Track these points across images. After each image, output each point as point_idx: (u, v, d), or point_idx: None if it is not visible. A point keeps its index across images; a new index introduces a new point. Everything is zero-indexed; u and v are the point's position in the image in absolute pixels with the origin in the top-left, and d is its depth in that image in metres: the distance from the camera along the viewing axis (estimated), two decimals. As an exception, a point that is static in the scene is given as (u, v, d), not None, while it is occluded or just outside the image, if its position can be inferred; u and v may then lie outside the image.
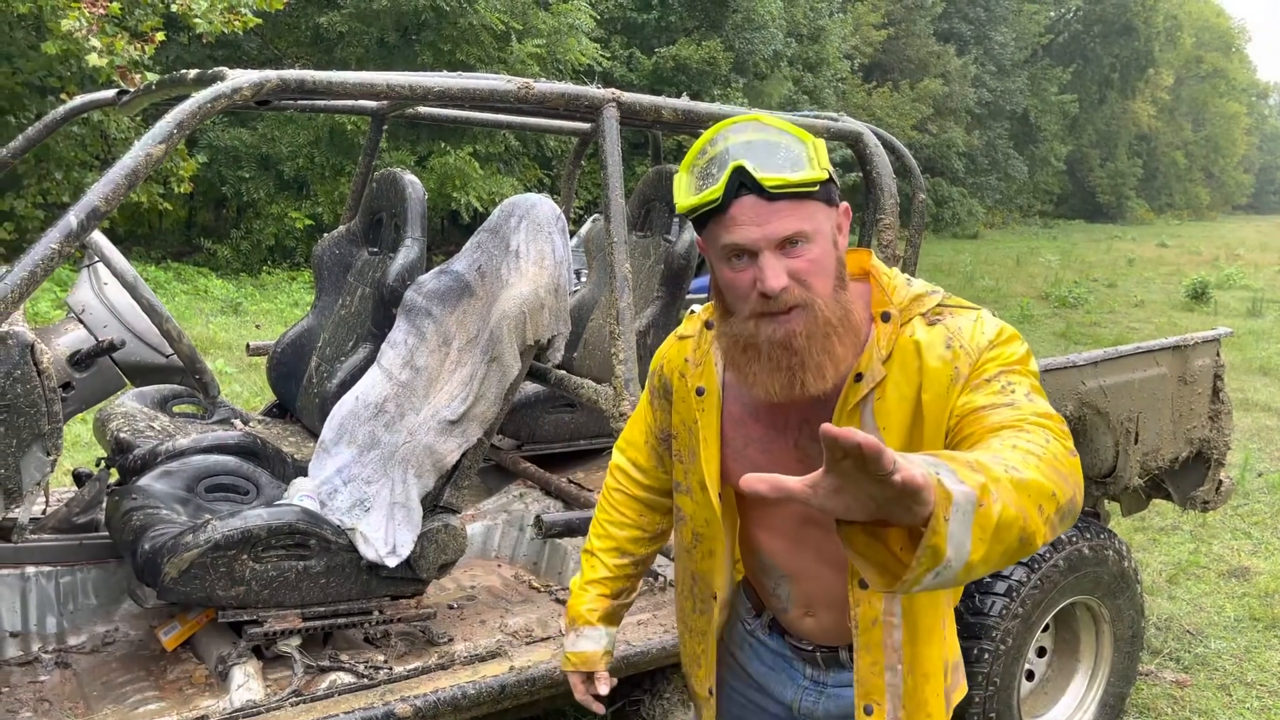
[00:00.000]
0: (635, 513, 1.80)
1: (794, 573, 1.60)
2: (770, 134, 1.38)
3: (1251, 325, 13.07)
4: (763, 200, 1.33)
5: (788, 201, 1.34)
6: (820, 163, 1.36)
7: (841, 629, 1.59)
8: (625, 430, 1.84)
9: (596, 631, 1.80)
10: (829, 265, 1.38)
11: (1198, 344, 3.28)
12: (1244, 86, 60.54)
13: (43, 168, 10.41)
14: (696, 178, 1.39)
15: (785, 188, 1.33)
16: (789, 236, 1.34)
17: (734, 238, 1.35)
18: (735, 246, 1.36)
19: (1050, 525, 1.15)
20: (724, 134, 1.40)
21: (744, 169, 1.33)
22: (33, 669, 2.40)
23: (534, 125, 3.70)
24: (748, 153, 1.35)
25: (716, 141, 1.40)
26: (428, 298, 2.69)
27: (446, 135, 13.94)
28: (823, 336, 1.36)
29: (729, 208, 1.35)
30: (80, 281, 2.69)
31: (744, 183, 1.33)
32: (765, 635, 1.70)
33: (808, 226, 1.35)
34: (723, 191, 1.34)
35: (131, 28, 9.73)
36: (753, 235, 1.34)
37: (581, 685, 1.81)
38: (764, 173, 1.33)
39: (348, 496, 2.48)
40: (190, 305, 10.58)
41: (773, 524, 1.59)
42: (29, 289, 1.82)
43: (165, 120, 1.94)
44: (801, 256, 1.35)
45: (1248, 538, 5.35)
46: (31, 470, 2.02)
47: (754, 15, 19.72)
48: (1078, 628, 3.17)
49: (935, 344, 1.40)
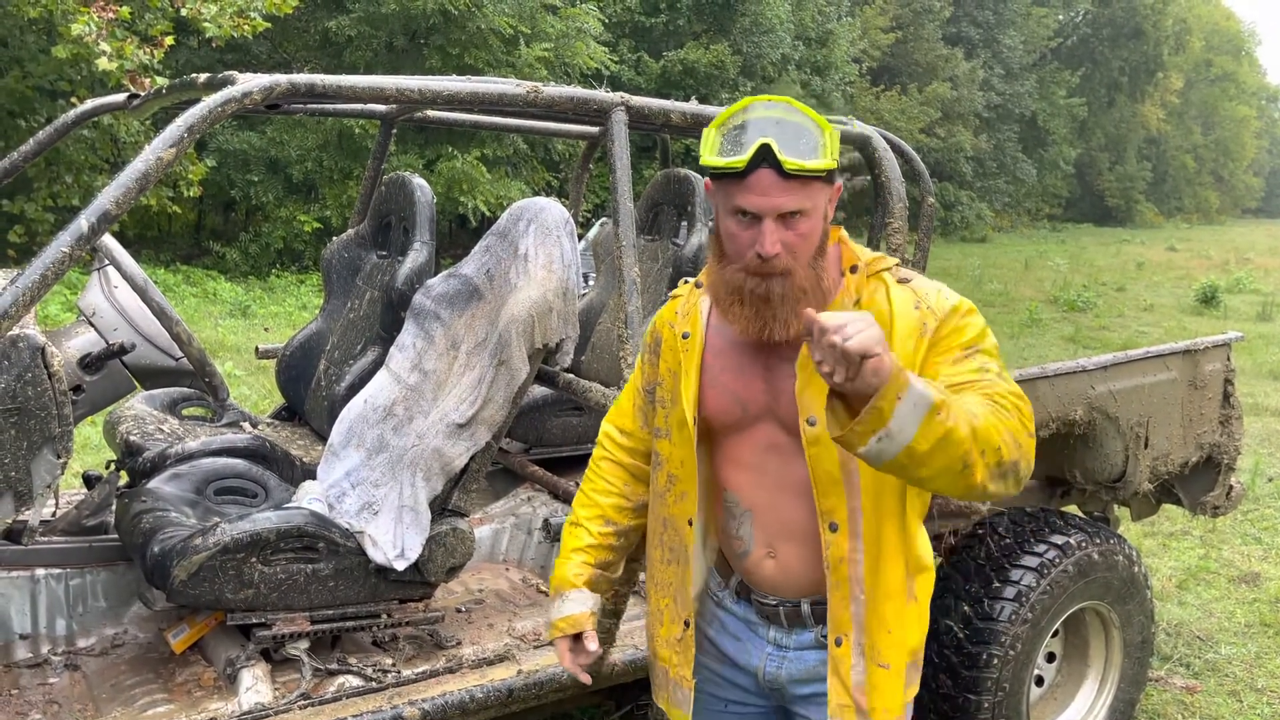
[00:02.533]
0: (620, 480, 1.91)
1: (755, 505, 1.74)
2: (798, 118, 1.57)
3: (1262, 330, 13.02)
4: (778, 176, 1.53)
5: (798, 181, 1.54)
6: (832, 152, 1.56)
7: (802, 571, 1.72)
8: (614, 404, 1.98)
9: (581, 594, 1.85)
10: (816, 237, 1.60)
11: (1208, 348, 3.27)
12: (1254, 90, 60.36)
13: (53, 171, 10.46)
14: (724, 140, 1.57)
15: (799, 171, 1.52)
16: (792, 210, 1.55)
17: (746, 203, 1.55)
18: (744, 208, 1.56)
19: (989, 472, 1.44)
20: (758, 107, 1.58)
21: (769, 147, 1.51)
22: (42, 671, 2.40)
23: (542, 129, 3.71)
24: (776, 132, 1.53)
25: (750, 110, 1.58)
26: (436, 301, 2.70)
27: (454, 139, 13.97)
28: (794, 299, 1.58)
29: (748, 176, 1.54)
30: (91, 285, 2.71)
31: (766, 158, 1.52)
32: (733, 602, 1.81)
33: (808, 204, 1.56)
34: (747, 163, 1.52)
35: (141, 32, 9.77)
36: (762, 204, 1.54)
37: (569, 653, 1.84)
38: (785, 154, 1.52)
39: (356, 500, 2.49)
40: (199, 308, 10.61)
41: (738, 456, 1.74)
42: (40, 292, 1.82)
43: (176, 124, 1.94)
44: (795, 229, 1.56)
45: (1258, 543, 5.33)
46: (42, 473, 2.02)
47: (762, 19, 19.73)
48: (1087, 633, 3.15)
49: (904, 302, 1.62)
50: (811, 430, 1.62)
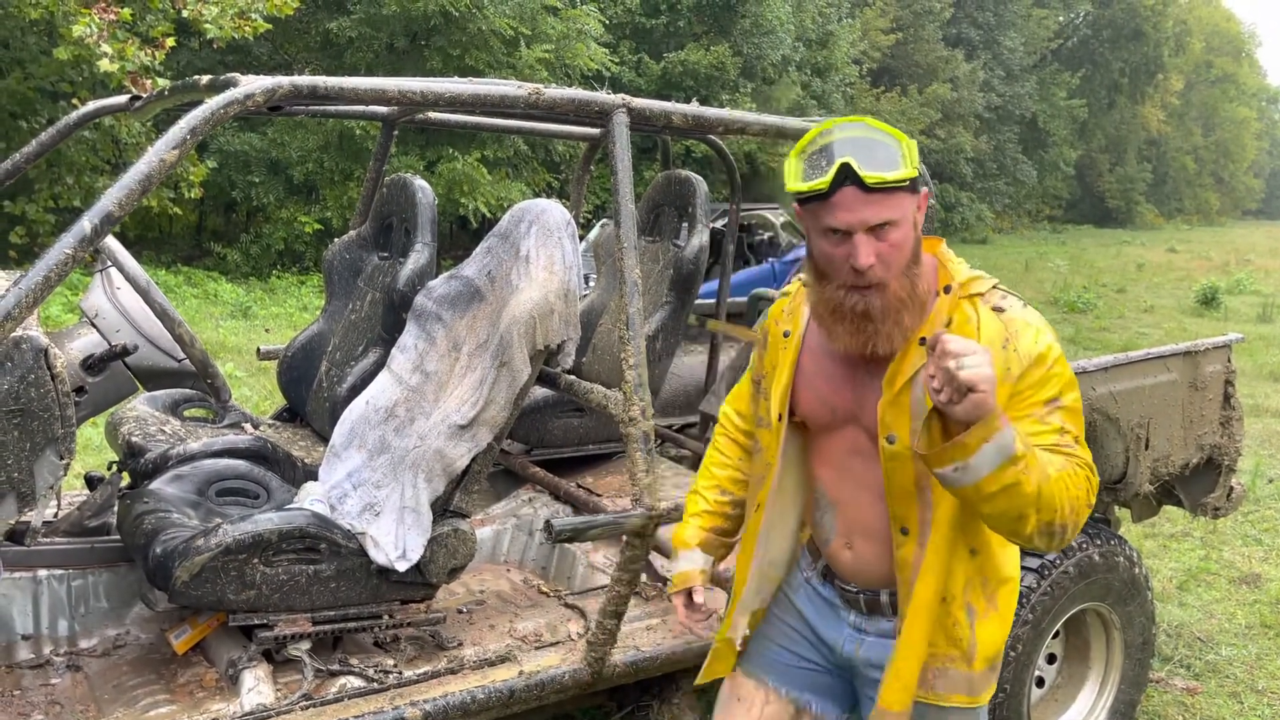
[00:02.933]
0: (735, 455, 2.09)
1: (838, 499, 1.87)
2: (873, 134, 1.65)
3: (1262, 331, 13.02)
4: (861, 191, 1.60)
5: (882, 194, 1.61)
6: (912, 161, 1.63)
7: (876, 565, 1.84)
8: (735, 388, 2.14)
9: (694, 554, 2.05)
10: (908, 246, 1.66)
11: (1209, 349, 3.27)
12: (1254, 91, 60.32)
13: (54, 172, 10.46)
14: (806, 165, 1.65)
15: (881, 184, 1.60)
16: (880, 223, 1.62)
17: (835, 221, 1.63)
18: (834, 227, 1.63)
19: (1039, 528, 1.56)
20: (834, 130, 1.66)
21: (849, 165, 1.59)
22: (44, 672, 2.41)
23: (543, 130, 3.71)
24: (854, 150, 1.61)
25: (827, 135, 1.66)
26: (438, 303, 2.70)
27: (454, 141, 13.97)
28: (894, 310, 1.66)
29: (832, 195, 1.62)
30: (93, 286, 2.71)
31: (848, 176, 1.59)
32: (819, 583, 1.95)
33: (895, 215, 1.63)
34: (829, 184, 1.60)
35: (142, 33, 9.78)
36: (850, 220, 1.62)
37: (683, 608, 2.04)
38: (865, 170, 1.59)
39: (358, 501, 2.49)
40: (200, 309, 10.61)
41: (827, 455, 1.88)
42: (43, 293, 1.83)
43: (179, 126, 1.95)
44: (887, 240, 1.63)
45: (1259, 544, 5.33)
46: (45, 474, 2.03)
47: (762, 20, 19.72)
48: (1088, 634, 3.15)
49: (994, 336, 1.67)
50: (890, 447, 1.72)
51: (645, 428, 2.31)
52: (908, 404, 1.70)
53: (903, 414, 1.70)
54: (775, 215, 14.02)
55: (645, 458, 2.30)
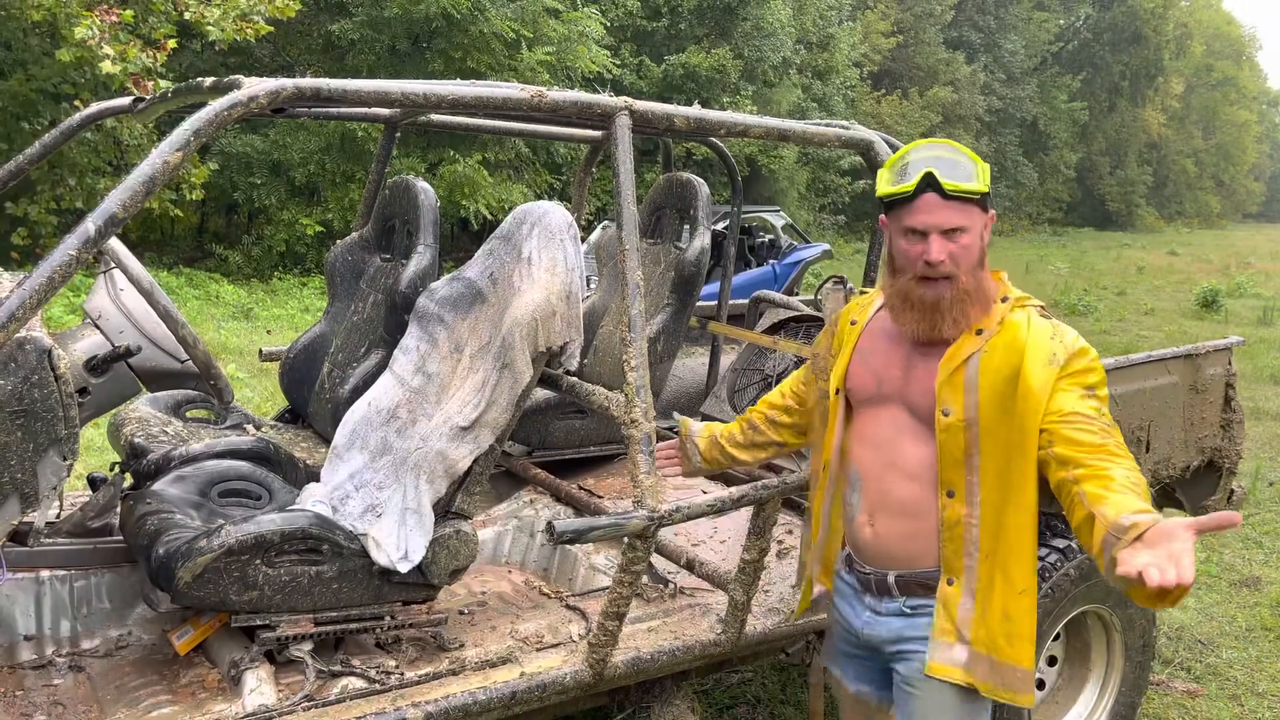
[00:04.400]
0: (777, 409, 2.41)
1: (867, 474, 2.09)
2: (954, 154, 1.94)
3: (1263, 334, 13.02)
4: (940, 198, 1.89)
5: (957, 202, 1.90)
6: (984, 180, 1.92)
7: (894, 543, 2.06)
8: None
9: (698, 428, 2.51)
10: (975, 252, 1.94)
11: (1209, 352, 3.27)
12: (1254, 94, 60.34)
13: (56, 174, 10.47)
14: (895, 174, 1.95)
15: (957, 193, 1.89)
16: (953, 227, 1.90)
17: (914, 222, 1.92)
18: (914, 228, 1.92)
19: None
20: (921, 148, 1.96)
21: (932, 174, 1.89)
22: (46, 672, 2.41)
23: (545, 133, 3.72)
24: (936, 163, 1.90)
25: (915, 152, 1.95)
26: (440, 304, 2.70)
27: (456, 143, 13.98)
28: (961, 301, 1.94)
29: (915, 200, 1.91)
30: (97, 287, 2.71)
31: (930, 183, 1.89)
32: (845, 573, 2.19)
33: (966, 222, 1.91)
34: (914, 188, 1.90)
35: (144, 35, 9.78)
36: (928, 221, 1.90)
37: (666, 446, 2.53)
38: (945, 179, 1.89)
39: (360, 502, 2.49)
40: (202, 311, 10.62)
41: (865, 429, 2.11)
42: (47, 295, 1.83)
43: (182, 128, 1.95)
44: (958, 242, 1.91)
45: (1259, 547, 5.33)
46: (48, 475, 2.03)
47: (763, 23, 19.74)
48: (1089, 637, 3.16)
49: (1042, 332, 1.95)
50: (945, 419, 1.96)
51: (647, 429, 2.31)
52: (961, 383, 1.95)
53: (958, 390, 1.95)
54: (776, 218, 14.04)
55: (647, 460, 2.31)
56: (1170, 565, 1.50)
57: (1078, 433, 1.84)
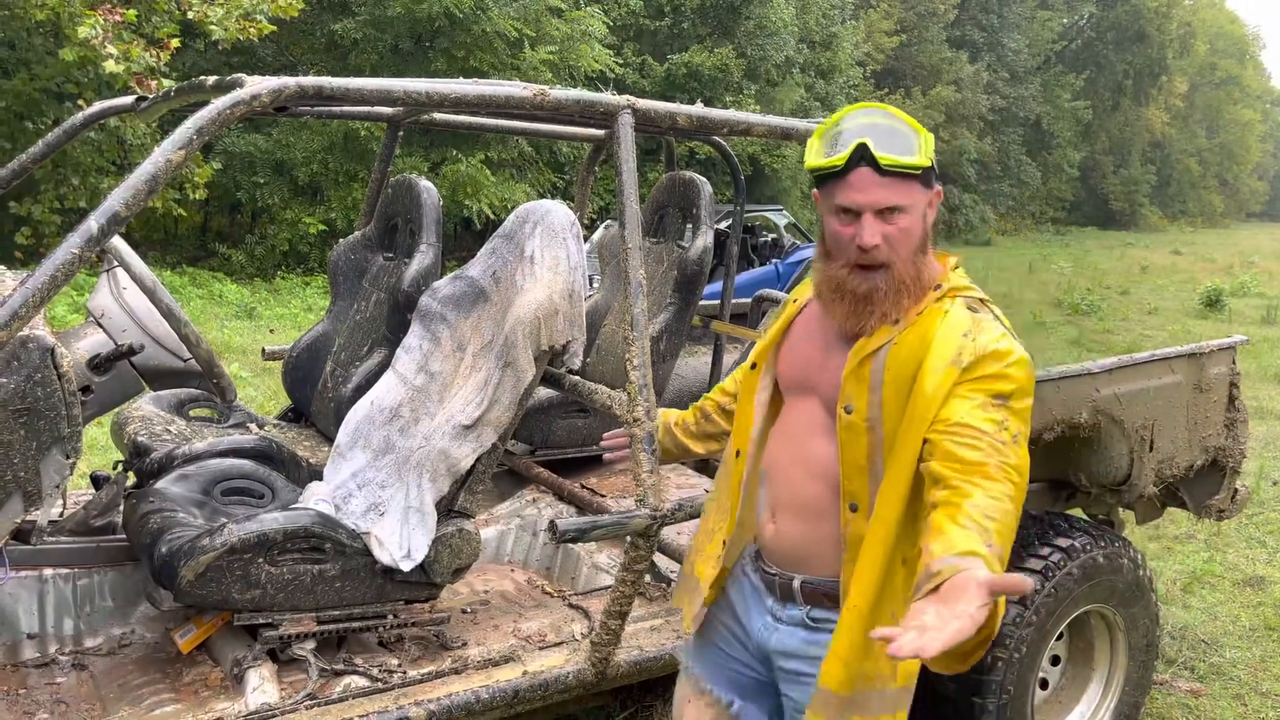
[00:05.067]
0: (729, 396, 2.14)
1: (771, 470, 1.87)
2: (893, 121, 1.68)
3: (1266, 333, 12.99)
4: (875, 173, 1.64)
5: (894, 178, 1.65)
6: (926, 153, 1.66)
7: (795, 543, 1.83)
8: None
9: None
10: (915, 235, 1.69)
11: (1213, 351, 3.26)
12: (1258, 93, 60.23)
13: (59, 173, 10.48)
14: (826, 144, 1.69)
15: (895, 168, 1.63)
16: (889, 206, 1.65)
17: (845, 200, 1.67)
18: (845, 206, 1.67)
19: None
20: (856, 114, 1.71)
21: (866, 146, 1.63)
22: (50, 671, 2.41)
23: (548, 132, 3.72)
24: (872, 132, 1.65)
25: (849, 119, 1.70)
26: (443, 303, 2.70)
27: (458, 142, 13.98)
28: (895, 292, 1.69)
29: (847, 175, 1.65)
30: (99, 286, 2.71)
31: (864, 157, 1.63)
32: (751, 569, 1.94)
33: (905, 201, 1.66)
34: (845, 161, 1.64)
35: (148, 34, 9.79)
36: (860, 200, 1.66)
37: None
38: (880, 152, 1.63)
39: (362, 501, 2.50)
40: (205, 310, 10.63)
41: (782, 422, 1.89)
42: (50, 293, 1.83)
43: (185, 126, 1.95)
44: (895, 224, 1.66)
45: (1263, 546, 5.32)
46: (51, 473, 2.03)
47: (766, 22, 19.72)
48: (1092, 636, 3.15)
49: (956, 325, 1.67)
50: (846, 417, 1.72)
51: (649, 428, 2.31)
52: (868, 375, 1.70)
53: (863, 385, 1.71)
54: (779, 217, 14.03)
55: (649, 458, 2.31)
56: (918, 634, 1.26)
57: (959, 447, 1.56)
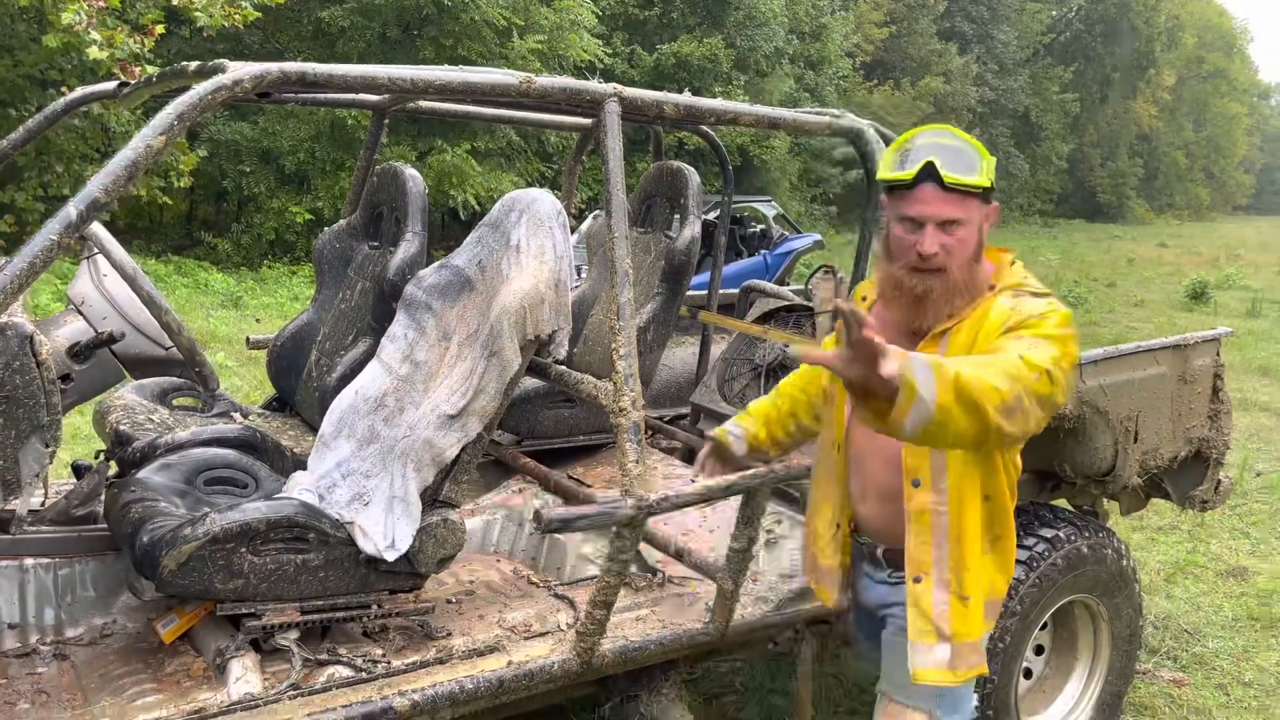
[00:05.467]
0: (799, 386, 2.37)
1: (859, 458, 2.13)
2: (960, 143, 1.91)
3: (1251, 325, 13.08)
4: (939, 189, 1.86)
5: (956, 194, 1.87)
6: (988, 174, 1.89)
7: (878, 521, 2.11)
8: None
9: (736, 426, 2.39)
10: (971, 245, 1.92)
11: (1198, 343, 3.28)
12: (1245, 87, 60.46)
13: (43, 160, 10.39)
14: (898, 159, 1.91)
15: (958, 186, 1.86)
16: (950, 219, 1.87)
17: (911, 211, 1.89)
18: (910, 217, 1.89)
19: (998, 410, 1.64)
20: (927, 133, 1.93)
21: (933, 165, 1.85)
22: (30, 661, 2.39)
23: (535, 120, 3.70)
24: (940, 153, 1.87)
25: (920, 137, 1.92)
26: (428, 292, 2.69)
27: (445, 132, 13.92)
28: (949, 295, 1.91)
29: (914, 189, 1.88)
30: (80, 274, 2.69)
31: (930, 174, 1.85)
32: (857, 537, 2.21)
33: (963, 215, 1.88)
34: (914, 176, 1.86)
35: (132, 21, 9.71)
36: (925, 212, 1.88)
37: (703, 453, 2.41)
38: (946, 171, 1.85)
39: (347, 490, 2.48)
40: (190, 299, 10.57)
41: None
42: (28, 280, 1.81)
43: (165, 112, 1.93)
44: (953, 236, 1.88)
45: (1246, 537, 5.35)
46: (30, 462, 2.01)
47: (756, 12, 19.70)
48: (1076, 626, 3.17)
49: (1003, 310, 1.91)
50: None
51: (636, 418, 2.30)
52: None
53: None
54: (768, 208, 14.03)
55: (635, 449, 2.30)
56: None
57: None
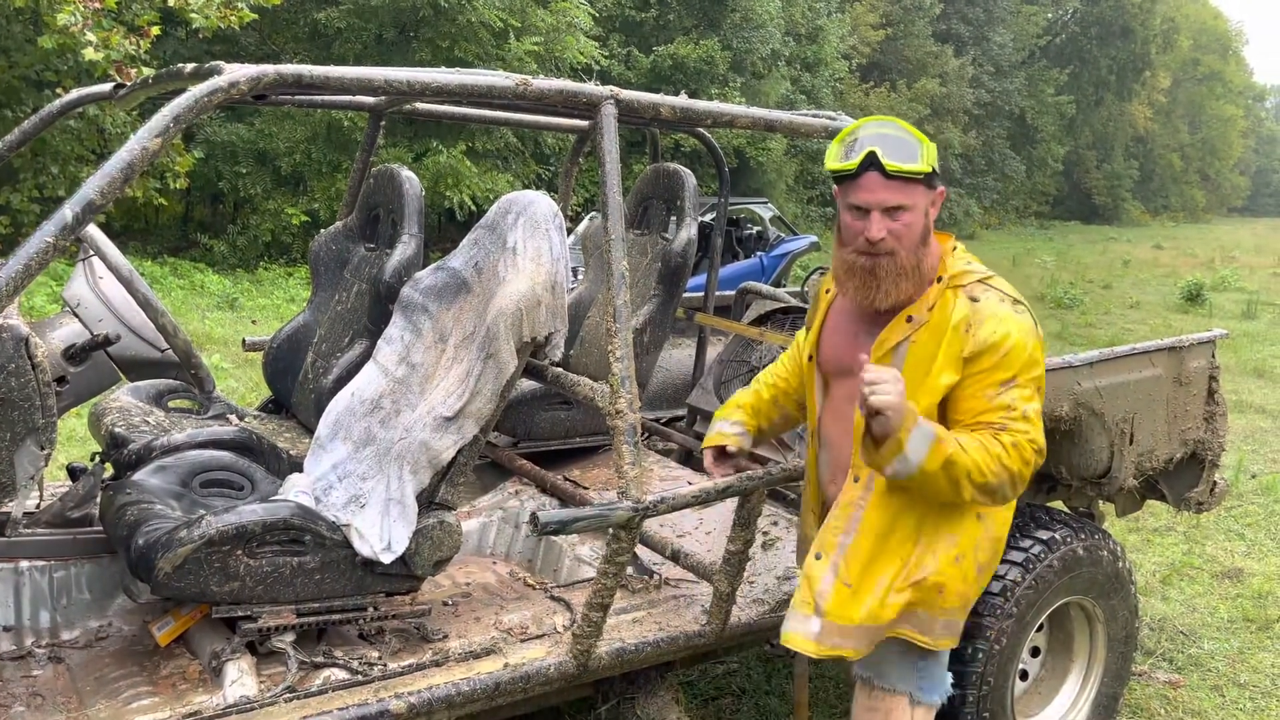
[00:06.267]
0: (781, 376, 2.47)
1: (830, 440, 2.23)
2: (900, 133, 1.99)
3: (1246, 327, 13.10)
4: (882, 177, 1.95)
5: (899, 181, 1.95)
6: (929, 160, 1.97)
7: None
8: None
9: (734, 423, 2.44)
10: (917, 229, 2.00)
11: (1193, 345, 3.28)
12: (1240, 89, 60.59)
13: (38, 162, 10.37)
14: (843, 150, 2.00)
15: (899, 173, 1.94)
16: (894, 205, 1.96)
17: (857, 199, 1.99)
18: (856, 205, 1.99)
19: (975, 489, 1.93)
20: (869, 124, 2.02)
21: (875, 154, 1.94)
22: (26, 663, 2.39)
23: (531, 122, 3.70)
24: (881, 142, 1.95)
25: (862, 129, 2.01)
26: (424, 294, 2.69)
27: (441, 133, 13.91)
28: (896, 275, 2.00)
29: (859, 177, 1.97)
30: (75, 275, 2.69)
31: (873, 163, 1.94)
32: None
33: (907, 201, 1.97)
34: (857, 166, 1.96)
35: (128, 22, 9.69)
36: (869, 199, 1.97)
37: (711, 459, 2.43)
38: (887, 159, 1.93)
39: (343, 492, 2.48)
40: (186, 301, 10.55)
41: (833, 398, 2.23)
42: (24, 282, 1.81)
43: (161, 114, 1.93)
44: (899, 221, 1.97)
45: (1241, 539, 5.36)
46: (25, 464, 2.01)
47: (752, 14, 19.71)
48: (1072, 628, 3.17)
49: (960, 321, 2.00)
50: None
51: (632, 420, 2.30)
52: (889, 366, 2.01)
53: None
54: (764, 209, 14.04)
55: (632, 450, 2.30)
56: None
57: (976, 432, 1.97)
